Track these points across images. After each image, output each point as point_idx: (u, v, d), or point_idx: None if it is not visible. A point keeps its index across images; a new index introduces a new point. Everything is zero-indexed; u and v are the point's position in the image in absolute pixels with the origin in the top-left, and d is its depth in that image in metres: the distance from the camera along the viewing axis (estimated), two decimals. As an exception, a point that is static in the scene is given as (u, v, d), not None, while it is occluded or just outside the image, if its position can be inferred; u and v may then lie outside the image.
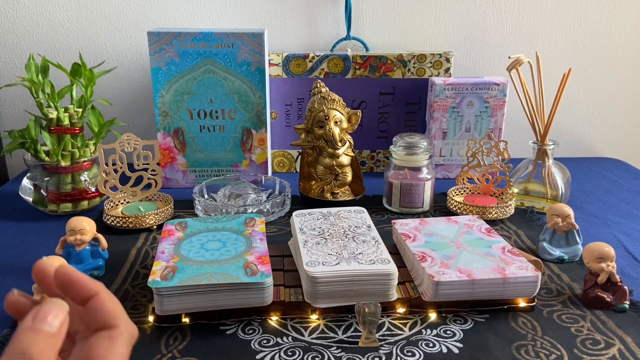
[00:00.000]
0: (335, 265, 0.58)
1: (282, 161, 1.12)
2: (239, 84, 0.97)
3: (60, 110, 0.86)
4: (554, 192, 0.91)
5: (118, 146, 0.83)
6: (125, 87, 1.16)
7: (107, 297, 0.33)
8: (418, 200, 0.89)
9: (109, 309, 0.32)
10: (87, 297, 0.32)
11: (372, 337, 0.55)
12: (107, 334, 0.31)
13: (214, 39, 0.94)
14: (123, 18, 1.12)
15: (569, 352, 0.54)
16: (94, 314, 0.32)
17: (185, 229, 0.70)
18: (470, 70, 1.19)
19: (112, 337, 0.31)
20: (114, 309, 0.32)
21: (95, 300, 0.32)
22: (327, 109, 0.89)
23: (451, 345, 0.55)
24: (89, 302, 0.32)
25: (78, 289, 0.32)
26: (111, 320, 0.32)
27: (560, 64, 1.18)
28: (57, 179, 0.88)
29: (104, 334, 0.31)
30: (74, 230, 0.68)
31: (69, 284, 0.32)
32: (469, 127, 1.04)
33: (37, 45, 1.12)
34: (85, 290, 0.32)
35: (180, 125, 0.99)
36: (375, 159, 1.13)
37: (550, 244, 0.75)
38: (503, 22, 1.17)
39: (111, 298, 0.33)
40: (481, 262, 0.62)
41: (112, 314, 0.32)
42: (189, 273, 0.58)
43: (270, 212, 0.85)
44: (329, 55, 1.05)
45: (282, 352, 0.54)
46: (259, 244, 0.66)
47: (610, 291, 0.62)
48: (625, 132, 1.28)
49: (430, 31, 1.16)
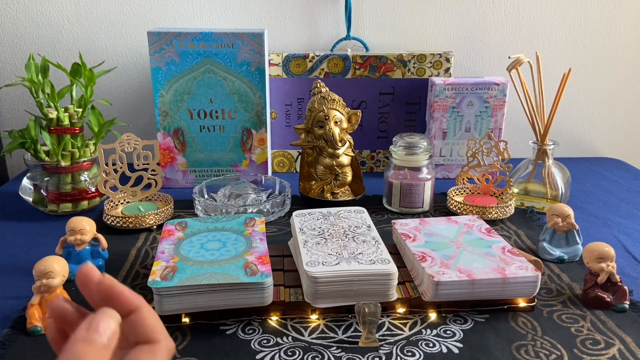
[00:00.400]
0: (335, 265, 0.58)
1: (282, 161, 1.12)
2: (239, 84, 0.97)
3: (60, 110, 0.86)
4: (554, 192, 0.91)
5: (118, 146, 0.83)
6: (125, 87, 1.16)
7: (149, 312, 0.33)
8: (418, 200, 0.89)
9: (151, 323, 0.32)
10: (130, 311, 0.32)
11: (372, 337, 0.55)
12: (148, 348, 0.32)
13: (214, 39, 0.94)
14: (123, 18, 1.12)
15: (569, 352, 0.54)
16: (135, 328, 0.32)
17: (185, 229, 0.70)
18: (470, 70, 1.19)
19: (154, 351, 0.32)
20: (155, 324, 0.33)
21: (138, 315, 0.32)
22: (327, 109, 0.89)
23: (451, 345, 0.55)
24: (131, 316, 0.32)
25: (121, 302, 0.32)
26: (153, 334, 0.32)
27: (560, 64, 1.18)
28: (57, 179, 0.88)
29: (146, 347, 0.32)
30: (74, 230, 0.68)
31: (113, 296, 0.32)
32: (469, 127, 1.04)
33: (37, 45, 1.12)
34: (128, 304, 0.32)
35: (180, 125, 0.99)
36: (375, 159, 1.13)
37: (550, 244, 0.75)
38: (503, 22, 1.17)
39: (152, 313, 0.33)
40: (481, 262, 0.62)
41: (154, 329, 0.32)
42: (189, 273, 0.58)
43: (270, 212, 0.85)
44: (329, 55, 1.05)
45: (282, 352, 0.54)
46: (259, 244, 0.66)
47: (610, 291, 0.62)
48: (625, 132, 1.28)
49: (430, 31, 1.16)
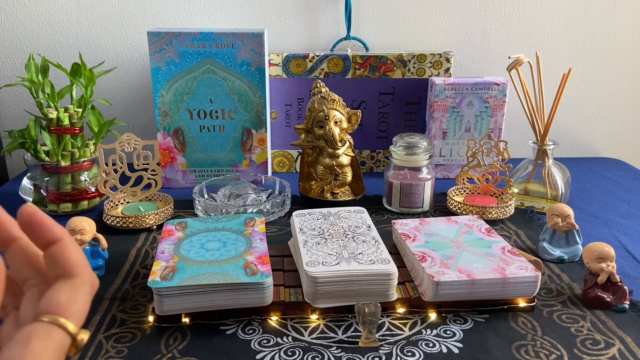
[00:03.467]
0: (335, 265, 0.58)
1: (282, 161, 1.12)
2: (239, 84, 0.97)
3: (60, 110, 0.86)
4: (554, 192, 0.91)
5: (118, 146, 0.83)
6: (125, 87, 1.16)
7: (71, 244, 0.31)
8: (418, 200, 0.89)
9: (72, 256, 0.31)
10: (51, 241, 0.30)
11: (372, 337, 0.55)
12: (69, 282, 0.30)
13: (214, 39, 0.94)
14: (123, 18, 1.12)
15: (569, 352, 0.54)
16: (56, 261, 0.30)
17: (185, 229, 0.70)
18: (470, 70, 1.19)
19: (75, 286, 0.30)
20: (77, 257, 0.31)
21: (59, 247, 0.30)
22: (327, 109, 0.89)
23: (451, 345, 0.55)
24: (52, 248, 0.30)
25: (42, 231, 0.30)
26: (74, 268, 0.30)
27: (560, 64, 1.18)
28: (57, 179, 0.88)
29: (67, 282, 0.30)
30: (74, 230, 0.68)
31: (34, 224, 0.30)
32: (469, 127, 1.04)
33: (37, 45, 1.12)
34: (50, 234, 0.30)
35: (180, 125, 0.99)
36: (375, 159, 1.13)
37: (550, 244, 0.75)
38: (503, 22, 1.17)
39: (75, 246, 0.31)
40: (481, 262, 0.62)
41: (75, 262, 0.31)
42: (189, 273, 0.58)
43: (270, 212, 0.85)
44: (329, 55, 1.05)
45: (282, 352, 0.54)
46: (259, 244, 0.66)
47: (610, 291, 0.62)
48: (625, 132, 1.28)
49: (430, 31, 1.16)
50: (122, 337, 0.56)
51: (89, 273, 0.31)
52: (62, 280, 0.30)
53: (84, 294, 0.30)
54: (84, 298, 0.30)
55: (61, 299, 0.29)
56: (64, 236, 0.31)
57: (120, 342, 0.56)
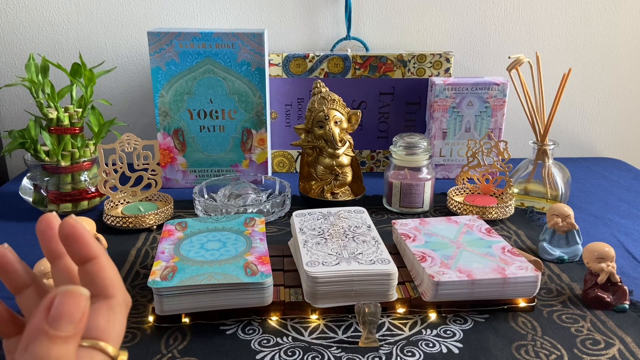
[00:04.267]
0: (335, 265, 0.58)
1: (282, 161, 1.12)
2: (239, 84, 0.97)
3: (60, 110, 0.86)
4: (554, 192, 0.91)
5: (118, 146, 0.83)
6: (125, 87, 1.16)
7: (108, 263, 0.31)
8: (418, 200, 0.89)
9: (108, 275, 0.31)
10: (88, 258, 0.30)
11: (372, 337, 0.55)
12: (106, 305, 0.30)
13: (214, 39, 0.94)
14: (123, 18, 1.12)
15: (569, 352, 0.54)
16: (92, 278, 0.30)
17: (185, 229, 0.70)
18: (470, 70, 1.19)
19: (112, 308, 0.30)
20: (113, 276, 0.31)
21: (96, 265, 0.30)
22: (327, 109, 0.89)
23: (451, 345, 0.55)
24: (88, 264, 0.30)
25: (81, 246, 0.30)
26: (109, 288, 0.30)
27: (560, 64, 1.18)
28: (57, 179, 0.88)
29: (103, 304, 0.30)
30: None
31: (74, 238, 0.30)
32: (469, 127, 1.04)
33: (37, 45, 1.12)
34: (87, 250, 0.30)
35: (180, 125, 0.99)
36: (375, 159, 1.13)
37: (550, 244, 0.75)
38: (503, 22, 1.17)
39: (111, 265, 0.31)
40: (481, 262, 0.62)
41: (111, 282, 0.31)
42: (189, 273, 0.58)
43: (270, 212, 0.85)
44: (329, 55, 1.05)
45: (282, 352, 0.54)
46: (259, 244, 0.66)
47: (610, 291, 0.62)
48: (625, 132, 1.28)
49: (430, 31, 1.16)
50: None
51: (123, 292, 0.31)
52: (99, 302, 0.30)
53: (120, 315, 0.30)
54: (121, 320, 0.30)
55: (100, 323, 0.29)
56: (101, 254, 0.31)
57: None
